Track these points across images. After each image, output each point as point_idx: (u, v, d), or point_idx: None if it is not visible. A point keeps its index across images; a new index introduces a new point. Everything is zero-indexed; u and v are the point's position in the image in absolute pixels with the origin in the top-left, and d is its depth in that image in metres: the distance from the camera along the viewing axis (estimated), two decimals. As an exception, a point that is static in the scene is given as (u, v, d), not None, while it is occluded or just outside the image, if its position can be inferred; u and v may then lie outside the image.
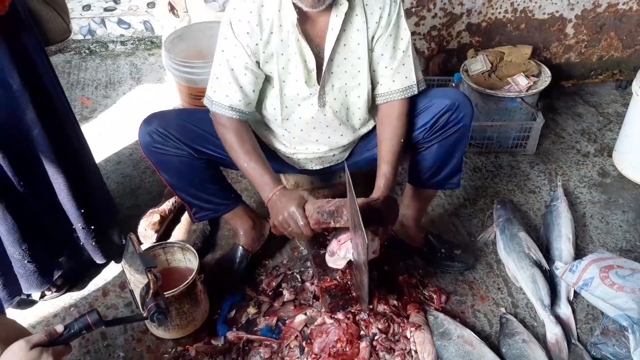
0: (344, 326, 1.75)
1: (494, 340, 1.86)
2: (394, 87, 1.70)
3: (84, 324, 1.27)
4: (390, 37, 1.64)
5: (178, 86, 2.77)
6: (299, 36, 1.57)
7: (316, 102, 1.69)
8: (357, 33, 1.62)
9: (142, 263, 1.38)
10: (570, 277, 1.93)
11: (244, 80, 1.64)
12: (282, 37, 1.59)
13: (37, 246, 1.82)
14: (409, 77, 1.70)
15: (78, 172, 1.84)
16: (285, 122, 1.76)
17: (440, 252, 2.09)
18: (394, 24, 1.63)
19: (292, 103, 1.71)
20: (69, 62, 3.45)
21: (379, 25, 1.63)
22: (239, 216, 2.01)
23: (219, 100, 1.67)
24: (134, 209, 2.36)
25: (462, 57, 2.98)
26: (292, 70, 1.64)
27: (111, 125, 2.93)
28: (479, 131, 2.65)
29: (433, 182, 1.90)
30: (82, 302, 2.00)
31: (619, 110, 3.00)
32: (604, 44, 3.13)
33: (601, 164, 2.65)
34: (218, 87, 1.67)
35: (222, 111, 1.67)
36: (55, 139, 1.72)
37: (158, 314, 1.33)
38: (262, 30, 1.58)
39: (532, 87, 2.60)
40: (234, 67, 1.63)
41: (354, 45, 1.63)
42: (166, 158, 1.75)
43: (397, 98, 1.71)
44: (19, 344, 1.15)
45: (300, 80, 1.65)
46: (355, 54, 1.65)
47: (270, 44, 1.60)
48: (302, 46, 1.60)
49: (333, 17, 1.57)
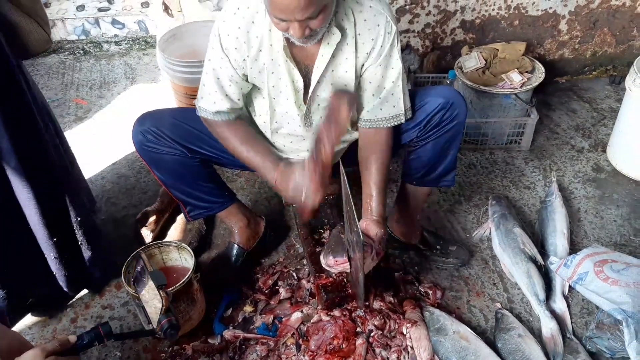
0: (340, 323, 1.75)
1: (489, 336, 1.86)
2: (380, 115, 1.69)
3: (97, 335, 1.30)
4: (380, 67, 1.62)
5: (173, 86, 2.76)
6: (287, 59, 1.56)
7: (302, 121, 1.70)
8: (345, 61, 1.60)
9: (153, 281, 1.44)
10: (565, 272, 1.94)
11: (229, 90, 1.65)
12: (272, 56, 1.58)
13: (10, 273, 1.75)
14: (397, 106, 1.68)
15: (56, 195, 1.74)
16: (275, 134, 1.77)
17: (436, 248, 2.10)
18: (386, 55, 1.60)
19: (282, 119, 1.72)
20: (63, 63, 3.45)
21: (370, 55, 1.60)
22: (234, 214, 2.01)
23: (206, 107, 1.68)
24: (129, 208, 2.36)
25: (456, 54, 2.98)
26: (282, 88, 1.64)
27: (106, 125, 2.93)
28: (474, 128, 2.65)
29: (427, 180, 1.90)
30: (78, 302, 2.00)
31: (612, 105, 3.01)
32: (598, 39, 3.14)
33: (595, 160, 2.66)
34: (205, 94, 1.67)
35: (209, 116, 1.69)
36: (26, 156, 1.60)
37: (171, 329, 1.39)
38: (249, 47, 1.57)
39: (526, 83, 2.60)
40: (219, 76, 1.63)
41: (341, 72, 1.62)
42: (159, 157, 1.75)
43: (383, 126, 1.70)
44: (34, 352, 1.16)
45: (290, 100, 1.65)
46: (342, 80, 1.63)
47: (258, 61, 1.59)
48: (291, 68, 1.58)
49: (324, 45, 1.55)
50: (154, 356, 1.81)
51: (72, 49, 3.56)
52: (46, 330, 1.91)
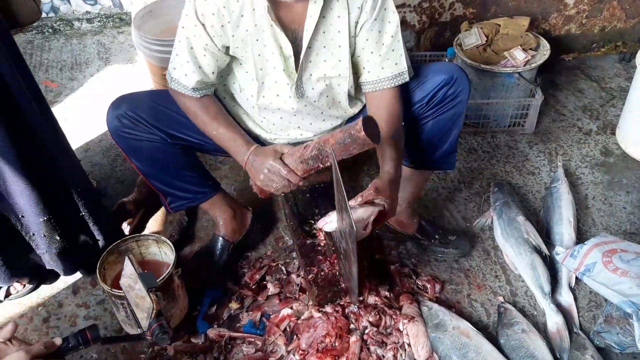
0: (332, 320, 1.75)
1: (491, 331, 1.87)
2: (383, 74, 1.67)
3: (83, 338, 1.30)
4: (376, 22, 1.60)
5: (149, 66, 2.74)
6: (272, 22, 1.54)
7: (294, 92, 1.68)
8: (337, 20, 1.59)
9: (143, 283, 1.44)
10: (571, 263, 1.95)
11: (203, 60, 1.63)
12: (255, 22, 1.56)
13: (4, 239, 1.79)
14: (400, 64, 1.67)
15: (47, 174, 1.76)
16: (263, 110, 1.76)
17: (434, 238, 2.10)
18: (380, 7, 1.59)
19: (270, 92, 1.70)
20: (31, 43, 3.41)
21: (363, 10, 1.58)
22: (218, 205, 2.01)
23: (178, 78, 1.67)
24: (104, 199, 2.34)
25: (455, 30, 2.97)
26: (269, 57, 1.62)
27: (78, 109, 2.90)
28: (475, 110, 2.65)
29: (427, 163, 1.90)
30: (50, 300, 1.99)
31: (622, 84, 3.02)
32: (607, 14, 3.14)
33: (604, 143, 2.66)
34: (177, 64, 1.66)
35: (180, 89, 1.68)
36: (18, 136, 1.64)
37: (162, 334, 1.39)
38: (230, 12, 1.55)
39: (530, 61, 2.60)
40: (193, 45, 1.62)
41: (334, 32, 1.60)
42: (137, 144, 1.74)
43: (387, 86, 1.68)
44: (17, 354, 1.18)
45: (278, 68, 1.64)
46: (335, 42, 1.62)
47: (240, 28, 1.58)
48: (277, 32, 1.57)
49: (311, 4, 1.53)
50: (133, 357, 1.81)
51: (40, 28, 3.52)
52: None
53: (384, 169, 1.65)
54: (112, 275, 1.84)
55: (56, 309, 1.97)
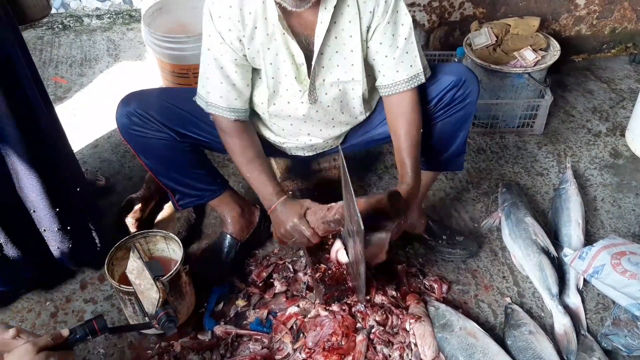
0: (339, 318, 1.76)
1: (498, 332, 1.87)
2: (398, 77, 1.66)
3: (90, 329, 1.31)
4: (389, 25, 1.60)
5: (159, 63, 2.75)
6: (284, 30, 1.54)
7: (306, 99, 1.68)
8: (349, 25, 1.59)
9: (149, 272, 1.45)
10: (579, 265, 1.94)
11: (235, 77, 1.64)
12: (267, 31, 1.56)
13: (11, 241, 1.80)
14: (415, 65, 1.66)
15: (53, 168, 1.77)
16: (274, 117, 1.76)
17: (442, 238, 2.10)
18: (393, 10, 1.58)
19: (282, 100, 1.70)
20: (41, 38, 3.42)
21: (375, 14, 1.58)
22: (226, 203, 2.01)
23: (215, 102, 1.67)
24: (113, 195, 2.35)
25: (465, 30, 2.97)
26: (280, 65, 1.62)
27: (87, 105, 2.91)
28: (484, 110, 2.65)
29: (435, 164, 1.90)
30: (58, 295, 2.00)
31: (632, 86, 3.00)
32: (617, 15, 3.12)
33: (613, 144, 2.65)
34: (211, 88, 1.66)
35: (219, 112, 1.68)
36: (27, 130, 1.66)
37: (168, 322, 1.42)
38: (244, 25, 1.55)
39: (540, 61, 2.59)
40: (223, 65, 1.62)
41: (346, 37, 1.61)
42: (146, 141, 1.74)
43: (404, 89, 1.67)
44: (25, 347, 1.18)
45: (289, 76, 1.64)
46: (347, 47, 1.62)
47: (255, 40, 1.58)
48: (288, 40, 1.57)
49: (322, 10, 1.54)
50: (140, 353, 1.82)
51: (50, 24, 3.53)
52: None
53: (403, 180, 1.66)
54: (120, 271, 1.85)
55: (64, 304, 1.98)
